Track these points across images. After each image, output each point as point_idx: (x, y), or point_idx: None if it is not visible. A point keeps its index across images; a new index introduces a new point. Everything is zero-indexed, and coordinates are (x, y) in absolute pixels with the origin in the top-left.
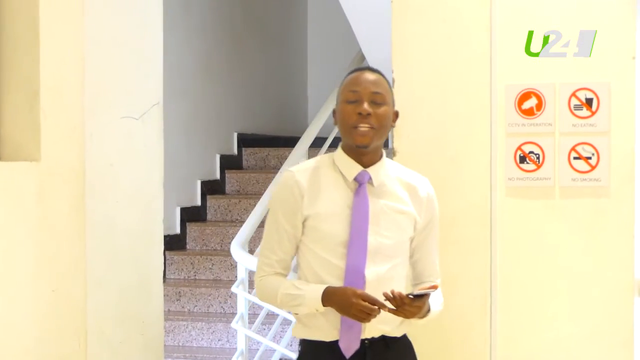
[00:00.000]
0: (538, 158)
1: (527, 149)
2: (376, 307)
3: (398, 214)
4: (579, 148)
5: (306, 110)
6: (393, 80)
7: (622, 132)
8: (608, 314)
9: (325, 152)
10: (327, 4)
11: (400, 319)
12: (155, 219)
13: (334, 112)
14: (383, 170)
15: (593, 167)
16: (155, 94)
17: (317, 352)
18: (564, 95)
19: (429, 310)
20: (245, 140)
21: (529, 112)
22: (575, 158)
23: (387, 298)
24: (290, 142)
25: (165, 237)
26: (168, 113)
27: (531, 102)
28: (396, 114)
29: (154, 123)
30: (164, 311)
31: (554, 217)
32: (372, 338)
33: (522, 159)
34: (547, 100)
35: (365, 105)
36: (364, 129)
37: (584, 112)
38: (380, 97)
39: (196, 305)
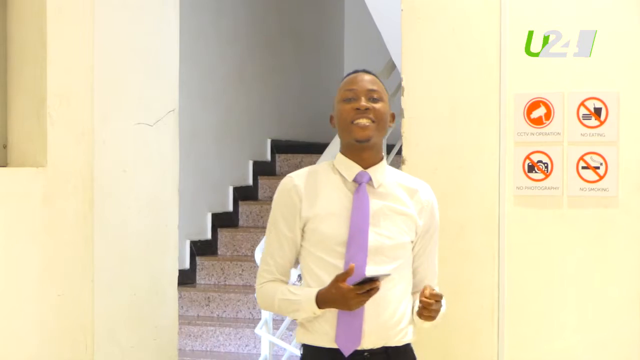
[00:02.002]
0: (546, 167)
1: (535, 158)
2: (371, 286)
3: (398, 215)
4: (587, 158)
5: None
6: (402, 89)
7: (631, 142)
8: (616, 324)
9: None
10: (364, 10)
11: (401, 324)
12: (169, 225)
13: (331, 118)
14: (383, 172)
15: (601, 177)
16: (171, 100)
17: (318, 357)
18: (573, 105)
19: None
20: (279, 147)
21: (537, 122)
22: (583, 168)
23: (424, 301)
24: (324, 149)
25: (196, 242)
26: (201, 119)
27: (540, 112)
28: (392, 116)
29: (170, 130)
30: (193, 316)
31: (562, 226)
32: (372, 349)
33: (531, 168)
34: (555, 109)
35: (363, 101)
36: (364, 122)
37: (593, 121)
38: (377, 94)
39: (225, 311)
